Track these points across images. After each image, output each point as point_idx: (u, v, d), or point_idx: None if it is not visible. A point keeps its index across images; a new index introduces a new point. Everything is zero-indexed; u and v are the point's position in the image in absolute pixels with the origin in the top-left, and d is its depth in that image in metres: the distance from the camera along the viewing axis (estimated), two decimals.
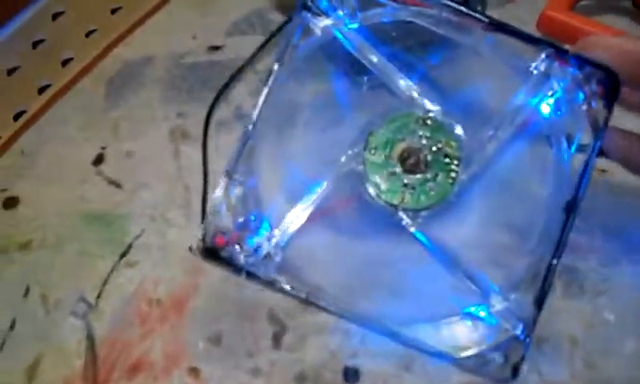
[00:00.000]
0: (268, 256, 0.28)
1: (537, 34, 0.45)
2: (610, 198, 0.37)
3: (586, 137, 0.30)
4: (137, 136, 0.41)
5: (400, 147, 0.30)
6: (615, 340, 0.32)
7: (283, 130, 0.31)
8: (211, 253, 0.27)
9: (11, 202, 0.39)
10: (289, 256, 0.28)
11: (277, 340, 0.33)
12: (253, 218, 0.29)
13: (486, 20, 0.30)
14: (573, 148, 0.30)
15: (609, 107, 0.29)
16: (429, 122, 0.30)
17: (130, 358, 0.32)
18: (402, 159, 0.30)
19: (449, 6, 0.30)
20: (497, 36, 0.30)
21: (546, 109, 0.30)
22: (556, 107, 0.30)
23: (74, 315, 0.34)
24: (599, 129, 0.29)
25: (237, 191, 0.28)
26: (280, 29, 0.31)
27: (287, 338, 0.33)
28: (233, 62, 0.45)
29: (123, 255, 0.36)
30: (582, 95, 0.29)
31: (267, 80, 0.29)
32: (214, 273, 0.34)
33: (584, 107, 0.29)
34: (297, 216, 0.29)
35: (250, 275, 0.27)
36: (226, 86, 0.33)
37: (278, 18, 0.48)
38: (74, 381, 0.32)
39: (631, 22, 0.48)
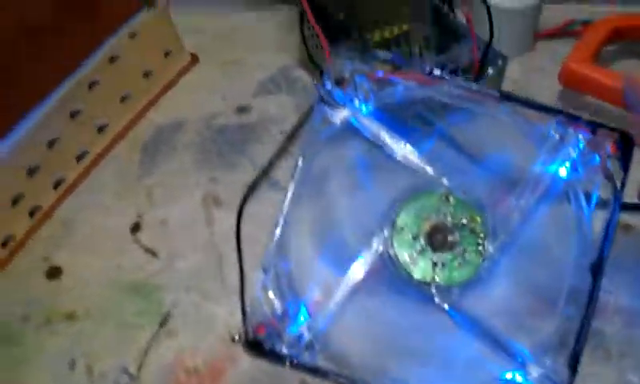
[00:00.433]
0: (309, 343, 0.29)
1: (558, 85, 0.45)
2: (635, 256, 0.37)
3: (604, 192, 0.31)
4: (170, 203, 0.43)
5: (427, 225, 0.31)
6: None
7: (312, 210, 0.32)
8: (254, 346, 0.29)
9: (54, 272, 0.41)
10: (327, 339, 0.29)
11: None
12: (290, 306, 0.30)
13: (497, 94, 0.31)
14: (592, 206, 0.31)
15: (625, 168, 0.30)
16: (451, 199, 0.31)
17: None
18: (430, 237, 0.31)
19: (459, 83, 0.31)
20: (510, 105, 0.32)
21: (563, 172, 0.31)
22: (573, 169, 0.31)
23: None
24: (617, 190, 0.30)
25: (273, 282, 0.30)
26: (300, 125, 0.33)
27: None
28: (260, 123, 0.47)
29: (162, 325, 0.37)
30: (597, 157, 0.31)
31: (293, 174, 0.30)
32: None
33: (600, 168, 0.31)
34: (333, 300, 0.30)
35: (294, 365, 0.29)
36: (252, 189, 0.35)
37: (302, 74, 0.50)
38: None
39: None
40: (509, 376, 0.29)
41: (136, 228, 0.42)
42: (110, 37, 0.45)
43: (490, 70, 0.44)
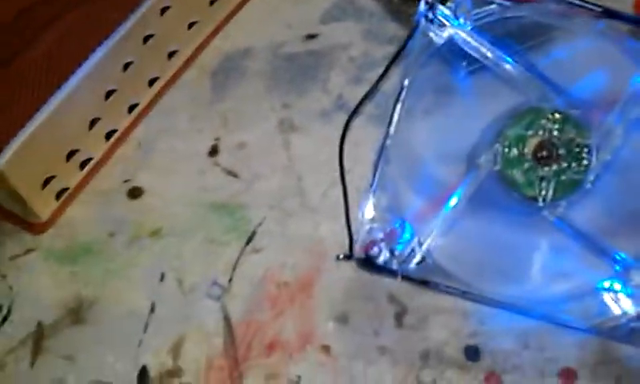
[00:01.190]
0: (421, 259, 0.31)
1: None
2: None
3: None
4: (246, 128, 0.44)
5: (533, 142, 0.32)
6: None
7: (411, 128, 0.33)
8: (367, 263, 0.31)
9: (136, 192, 0.42)
10: (435, 256, 0.31)
11: (399, 320, 0.35)
12: (397, 225, 0.31)
13: (599, 9, 0.32)
14: None
15: None
16: (557, 115, 0.32)
17: (266, 337, 0.36)
18: (536, 153, 0.32)
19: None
20: (607, 22, 0.32)
21: None
22: None
23: (210, 297, 0.37)
24: None
25: (378, 204, 0.31)
26: (404, 45, 0.33)
27: (408, 318, 0.35)
28: (329, 49, 0.47)
29: (248, 242, 0.39)
30: None
31: (398, 96, 0.31)
32: (333, 256, 0.37)
33: None
34: (441, 218, 0.32)
35: (406, 278, 0.30)
36: (364, 99, 0.35)
37: (368, 3, 0.50)
38: (217, 359, 0.35)
39: None
40: (606, 285, 0.31)
41: (214, 151, 0.43)
42: None
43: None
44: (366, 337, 0.35)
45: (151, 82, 0.47)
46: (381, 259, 0.31)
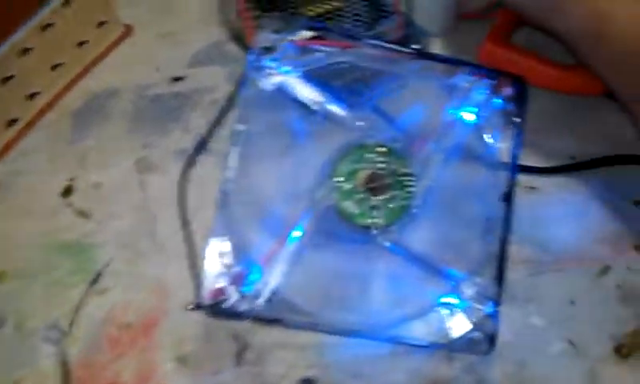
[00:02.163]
0: (266, 298, 0.32)
1: (474, 60, 0.49)
2: (536, 212, 0.40)
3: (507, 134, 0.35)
4: (104, 167, 0.43)
5: (362, 175, 0.35)
6: (543, 342, 0.36)
7: (251, 170, 0.34)
8: (216, 309, 0.32)
9: None
10: (280, 293, 0.33)
11: (239, 357, 0.35)
12: (244, 267, 0.32)
13: (412, 51, 0.35)
14: (498, 142, 0.35)
15: (521, 106, 0.35)
16: (381, 148, 0.35)
17: (104, 379, 0.35)
18: (366, 185, 0.35)
19: (377, 44, 0.34)
20: (424, 63, 0.35)
21: (472, 116, 0.35)
22: (480, 113, 0.35)
23: (49, 341, 0.36)
24: (517, 126, 0.35)
25: (223, 245, 0.32)
26: (234, 93, 0.34)
27: (249, 355, 0.35)
28: (194, 92, 0.48)
29: (93, 283, 0.38)
30: (499, 100, 0.35)
31: (233, 141, 0.32)
32: (179, 297, 0.37)
33: (502, 109, 0.35)
34: (282, 257, 0.33)
35: (255, 319, 0.31)
36: (193, 158, 0.37)
37: (233, 49, 0.51)
38: None
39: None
40: (444, 301, 0.33)
41: (68, 191, 0.43)
42: (44, 4, 0.45)
43: (414, 47, 0.47)
44: (205, 376, 0.35)
45: (10, 123, 0.46)
46: (229, 304, 0.32)
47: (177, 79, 0.49)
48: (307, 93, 0.34)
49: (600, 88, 0.45)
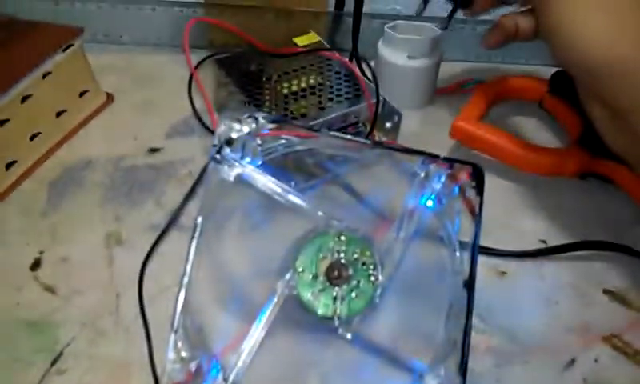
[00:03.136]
0: None
1: (449, 139, 0.49)
2: (506, 299, 0.40)
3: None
4: (73, 240, 0.43)
5: (324, 264, 0.35)
6: None
7: (214, 263, 0.34)
8: None
9: None
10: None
11: None
12: (203, 361, 0.32)
13: (369, 142, 0.35)
14: (457, 229, 0.35)
15: (480, 193, 0.35)
16: (342, 237, 0.34)
17: None
18: (328, 274, 0.34)
19: (335, 135, 0.34)
20: (384, 151, 0.35)
21: (430, 204, 0.35)
22: (438, 201, 0.35)
23: None
24: (476, 213, 0.34)
25: (183, 340, 0.32)
26: (196, 184, 0.35)
27: None
28: (170, 164, 0.48)
29: (54, 362, 0.38)
30: (456, 188, 0.35)
31: (193, 234, 0.32)
32: (141, 381, 0.37)
33: (460, 196, 0.35)
34: (243, 349, 0.33)
35: None
36: (149, 255, 0.37)
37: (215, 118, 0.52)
38: None
39: (538, 121, 0.53)
40: None
41: (36, 265, 0.42)
42: (23, 77, 0.46)
43: (388, 124, 0.48)
44: None
45: None
46: None
47: (153, 150, 0.50)
48: (267, 183, 0.34)
49: (572, 169, 0.45)
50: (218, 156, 0.33)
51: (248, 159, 0.34)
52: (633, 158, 0.38)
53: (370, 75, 0.49)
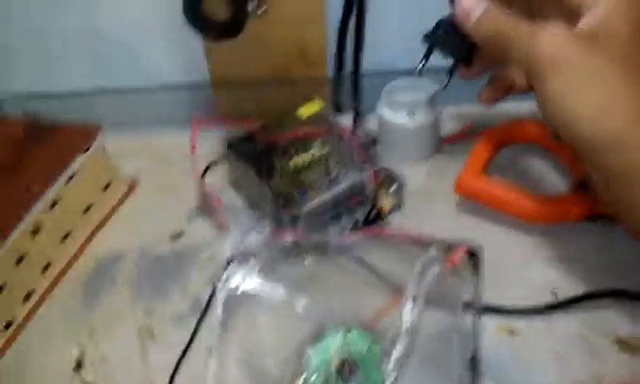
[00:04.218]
0: None
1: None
2: (517, 359, 0.41)
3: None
4: (110, 338, 0.47)
5: (335, 361, 0.37)
6: None
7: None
8: None
9: None
10: None
11: None
12: None
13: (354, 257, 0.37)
14: (460, 309, 0.37)
15: (476, 275, 0.37)
16: (349, 334, 0.37)
17: None
18: (340, 370, 0.37)
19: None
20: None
21: (433, 289, 0.37)
22: (440, 284, 0.37)
23: None
24: (475, 292, 0.37)
25: None
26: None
27: None
28: (192, 248, 0.51)
29: None
30: (455, 271, 0.37)
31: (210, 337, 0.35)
32: None
33: (458, 279, 0.37)
34: None
35: None
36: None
37: (233, 197, 0.54)
38: None
39: (543, 163, 0.54)
40: None
41: (79, 366, 0.46)
42: (49, 186, 0.50)
43: (391, 189, 0.49)
44: None
45: (27, 297, 0.50)
46: None
47: (176, 236, 0.53)
48: (273, 291, 0.37)
49: (577, 215, 0.46)
50: (226, 274, 0.36)
51: (256, 270, 0.36)
52: (626, 221, 0.39)
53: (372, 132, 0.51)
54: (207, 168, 0.56)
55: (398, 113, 0.53)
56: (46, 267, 0.51)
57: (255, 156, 0.52)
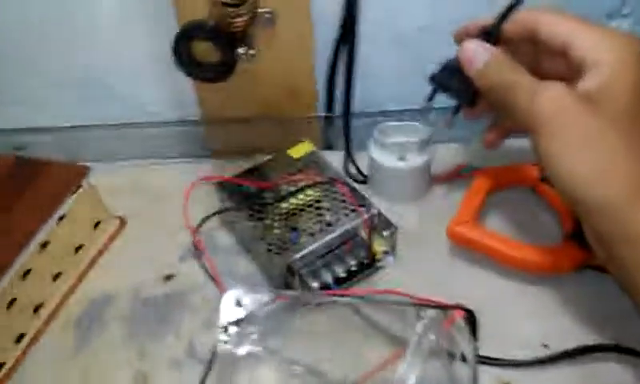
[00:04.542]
0: None
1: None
2: None
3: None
4: (104, 383, 0.47)
5: None
6: None
7: None
8: None
9: None
10: None
11: None
12: None
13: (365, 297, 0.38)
14: (458, 362, 0.39)
15: (473, 332, 0.38)
16: None
17: None
18: None
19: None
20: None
21: (432, 344, 0.38)
22: (438, 341, 0.38)
23: None
24: (473, 347, 0.38)
25: None
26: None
27: None
28: (185, 290, 0.51)
29: None
30: (453, 328, 0.38)
31: None
32: None
33: (456, 335, 0.39)
34: None
35: None
36: None
37: (225, 236, 0.55)
38: None
39: (534, 208, 0.55)
40: None
41: None
42: (39, 229, 0.49)
43: (385, 233, 0.50)
44: None
45: (18, 339, 0.49)
46: None
47: (168, 277, 0.53)
48: (272, 350, 0.37)
49: (568, 266, 0.47)
50: (224, 336, 0.36)
51: (254, 332, 0.37)
52: (619, 280, 0.40)
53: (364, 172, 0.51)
54: (202, 222, 0.55)
55: (390, 155, 0.54)
56: (37, 308, 0.51)
57: (247, 198, 0.53)
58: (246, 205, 0.51)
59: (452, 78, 0.46)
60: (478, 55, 0.42)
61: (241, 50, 0.50)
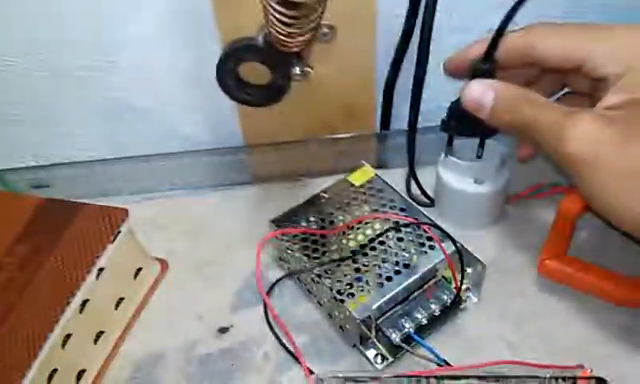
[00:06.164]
0: None
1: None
2: None
3: None
4: None
5: None
6: None
7: None
8: None
9: None
10: None
11: None
12: None
13: None
14: None
15: None
16: None
17: None
18: None
19: None
20: None
21: None
22: None
23: None
24: None
25: None
26: None
27: None
28: (243, 346, 0.46)
29: None
30: None
31: None
32: None
33: None
34: None
35: None
36: None
37: (279, 274, 0.49)
38: None
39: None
40: None
41: None
42: (78, 288, 0.44)
43: (469, 270, 0.44)
44: None
45: None
46: None
47: (222, 330, 0.47)
48: None
49: None
50: None
51: None
52: None
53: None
54: (273, 285, 0.49)
55: (464, 177, 0.48)
56: (80, 375, 0.45)
57: (304, 235, 0.47)
58: (316, 265, 0.45)
59: (463, 122, 0.43)
60: (483, 99, 0.39)
61: (296, 69, 0.44)
